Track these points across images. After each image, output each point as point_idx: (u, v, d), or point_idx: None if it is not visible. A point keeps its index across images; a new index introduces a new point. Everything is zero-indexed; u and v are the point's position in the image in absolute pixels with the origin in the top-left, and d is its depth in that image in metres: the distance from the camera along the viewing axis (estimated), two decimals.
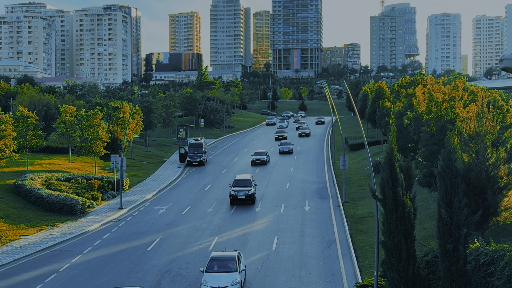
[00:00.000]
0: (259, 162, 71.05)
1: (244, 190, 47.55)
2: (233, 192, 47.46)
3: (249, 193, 47.42)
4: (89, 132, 60.65)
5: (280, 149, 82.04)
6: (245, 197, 47.21)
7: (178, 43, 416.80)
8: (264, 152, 73.51)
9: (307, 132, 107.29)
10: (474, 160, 27.90)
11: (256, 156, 72.51)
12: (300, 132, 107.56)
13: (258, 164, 71.06)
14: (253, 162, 71.20)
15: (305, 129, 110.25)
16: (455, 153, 23.87)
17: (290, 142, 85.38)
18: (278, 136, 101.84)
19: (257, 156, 72.31)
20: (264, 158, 71.76)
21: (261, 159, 71.52)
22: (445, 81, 79.63)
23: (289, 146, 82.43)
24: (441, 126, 39.80)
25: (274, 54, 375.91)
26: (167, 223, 42.93)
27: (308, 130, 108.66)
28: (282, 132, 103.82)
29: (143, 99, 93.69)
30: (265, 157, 72.18)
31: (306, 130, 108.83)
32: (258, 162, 71.06)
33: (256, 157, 71.98)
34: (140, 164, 73.12)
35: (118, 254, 34.64)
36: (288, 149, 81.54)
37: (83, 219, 44.06)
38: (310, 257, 33.08)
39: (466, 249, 22.98)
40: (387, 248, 23.75)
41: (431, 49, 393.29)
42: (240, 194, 47.32)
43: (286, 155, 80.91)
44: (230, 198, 47.35)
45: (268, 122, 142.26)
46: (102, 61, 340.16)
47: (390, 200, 23.59)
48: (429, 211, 40.30)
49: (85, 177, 54.67)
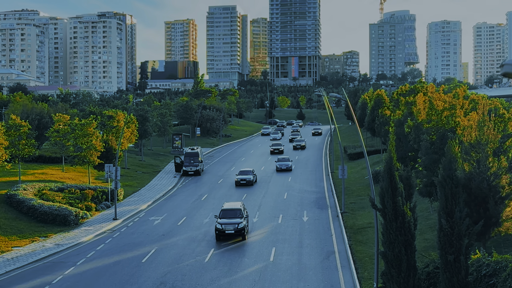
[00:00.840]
0: (245, 182, 62.76)
1: (233, 223, 39.39)
2: (219, 226, 39.27)
3: (239, 226, 39.21)
4: (83, 141, 60.59)
5: (278, 166, 74.41)
6: (234, 232, 39.10)
7: (174, 50, 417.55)
8: (250, 170, 65.56)
9: (302, 145, 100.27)
10: (475, 169, 27.93)
11: (241, 175, 64.09)
12: (295, 145, 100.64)
13: (244, 185, 62.59)
14: (238, 182, 62.76)
15: (300, 141, 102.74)
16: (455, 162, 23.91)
17: (288, 158, 76.98)
18: (274, 150, 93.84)
19: (242, 176, 63.93)
20: (250, 178, 63.40)
21: (247, 179, 63.27)
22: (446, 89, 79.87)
23: (287, 163, 74.45)
24: (442, 134, 39.86)
25: (271, 62, 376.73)
26: (162, 234, 42.82)
27: (303, 143, 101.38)
28: (278, 145, 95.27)
29: (138, 107, 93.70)
30: (251, 176, 63.84)
31: (301, 142, 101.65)
32: (243, 182, 62.77)
33: (241, 177, 63.61)
34: (135, 173, 73.01)
35: (112, 266, 34.51)
36: (287, 167, 73.78)
37: (76, 230, 43.92)
38: (309, 269, 33.00)
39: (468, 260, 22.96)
40: (387, 259, 23.73)
41: (431, 57, 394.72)
42: (228, 228, 39.21)
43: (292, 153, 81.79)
44: (216, 233, 39.36)
45: (263, 132, 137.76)
46: (97, 69, 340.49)
47: (390, 210, 23.60)
48: (429, 221, 40.28)
49: (79, 187, 54.56)
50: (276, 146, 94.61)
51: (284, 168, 73.43)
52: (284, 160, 75.34)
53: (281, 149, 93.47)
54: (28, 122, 60.61)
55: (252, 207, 52.26)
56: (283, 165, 73.98)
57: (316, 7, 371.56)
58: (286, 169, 73.40)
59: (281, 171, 73.84)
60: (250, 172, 64.86)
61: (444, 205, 22.96)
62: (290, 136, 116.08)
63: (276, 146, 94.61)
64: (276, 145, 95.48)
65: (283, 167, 73.75)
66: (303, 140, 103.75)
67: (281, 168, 73.60)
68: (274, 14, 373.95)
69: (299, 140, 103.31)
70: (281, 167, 73.66)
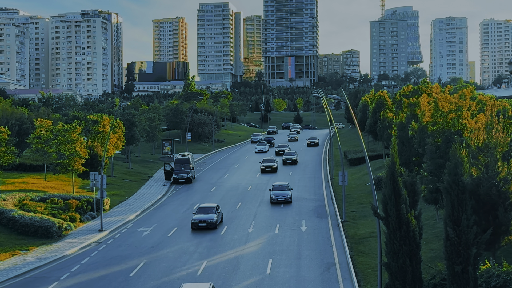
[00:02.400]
0: (204, 225, 46.45)
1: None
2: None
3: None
4: (66, 148, 60.47)
5: (273, 196, 57.65)
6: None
7: (162, 51, 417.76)
8: (212, 207, 48.60)
9: (293, 159, 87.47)
10: (483, 174, 28.00)
11: (200, 214, 47.60)
12: (284, 159, 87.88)
13: (203, 228, 46.59)
14: (194, 225, 46.85)
15: (291, 154, 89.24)
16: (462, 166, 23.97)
17: (287, 185, 60.44)
18: (266, 168, 79.47)
19: (201, 216, 47.27)
20: (212, 219, 46.78)
21: (208, 221, 46.70)
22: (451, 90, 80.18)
23: (285, 193, 58.07)
24: (448, 137, 39.98)
25: (266, 62, 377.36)
26: (151, 246, 42.76)
27: (295, 157, 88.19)
28: (270, 161, 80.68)
29: (125, 111, 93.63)
30: (214, 216, 47.22)
31: (293, 156, 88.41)
32: (202, 225, 46.48)
33: (199, 217, 47.12)
34: (122, 182, 72.92)
35: (98, 281, 34.42)
36: (285, 197, 57.45)
37: (59, 242, 43.80)
38: (308, 282, 33.00)
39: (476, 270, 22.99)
40: (391, 270, 23.74)
41: (435, 56, 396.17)
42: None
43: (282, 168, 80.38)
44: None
45: (253, 140, 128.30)
46: (80, 71, 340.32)
47: (393, 218, 23.63)
48: (435, 230, 40.34)
49: (62, 196, 54.42)
50: (268, 163, 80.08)
51: (281, 200, 57.35)
52: (282, 188, 59.16)
53: (274, 167, 79.84)
54: (7, 128, 60.44)
55: (247, 216, 52.26)
56: (279, 195, 57.50)
57: (314, 3, 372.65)
58: (284, 200, 57.39)
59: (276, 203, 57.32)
60: (213, 210, 47.94)
61: (450, 212, 23.01)
62: (277, 148, 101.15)
63: (268, 163, 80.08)
64: (268, 161, 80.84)
65: (279, 197, 57.31)
66: (294, 153, 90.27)
67: (277, 199, 57.27)
68: (269, 12, 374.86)
69: (290, 153, 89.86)
70: (277, 198, 57.25)
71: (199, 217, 47.55)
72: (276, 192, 58.33)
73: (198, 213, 48.16)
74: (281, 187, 59.50)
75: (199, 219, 47.30)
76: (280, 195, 57.69)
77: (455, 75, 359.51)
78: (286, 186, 59.87)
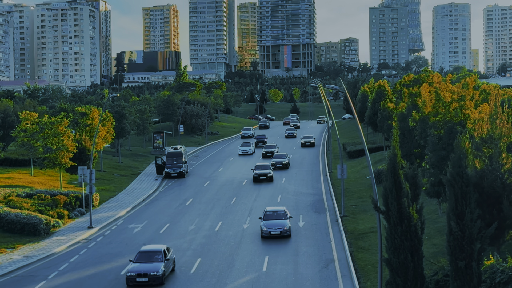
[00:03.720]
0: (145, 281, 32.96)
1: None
2: None
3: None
4: (53, 141, 60.35)
5: (264, 229, 42.82)
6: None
7: (153, 40, 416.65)
8: (158, 251, 34.79)
9: (284, 163, 77.21)
10: (487, 166, 28.06)
11: (139, 264, 33.90)
12: (274, 162, 76.75)
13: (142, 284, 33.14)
14: (130, 280, 32.95)
15: (281, 157, 79.05)
16: (466, 158, 24.02)
17: (283, 211, 44.56)
18: (259, 176, 67.39)
19: (141, 266, 33.57)
20: (157, 271, 33.19)
21: (150, 273, 33.07)
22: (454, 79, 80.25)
23: (281, 223, 43.02)
24: (450, 128, 40.04)
25: (261, 51, 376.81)
26: (143, 243, 42.71)
27: (285, 160, 78.14)
28: (264, 169, 68.33)
29: (114, 103, 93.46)
30: (160, 266, 33.56)
31: (283, 159, 78.25)
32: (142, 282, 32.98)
33: (138, 268, 33.41)
34: (111, 177, 72.88)
35: (88, 280, 34.42)
36: (281, 229, 42.63)
37: (47, 240, 43.78)
38: (305, 279, 33.07)
39: (480, 266, 23.07)
40: (392, 266, 23.81)
41: (437, 44, 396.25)
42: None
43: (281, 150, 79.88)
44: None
45: (243, 135, 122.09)
46: (67, 62, 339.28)
47: (394, 213, 23.68)
48: (438, 225, 40.45)
49: (49, 192, 54.35)
50: (262, 170, 68.03)
51: (276, 233, 42.74)
52: (277, 216, 43.99)
53: (270, 175, 67.85)
54: None
55: (242, 211, 52.32)
56: (273, 227, 42.79)
57: None
58: (279, 234, 42.85)
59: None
60: (159, 256, 34.43)
61: (453, 206, 23.07)
62: (264, 150, 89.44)
63: (262, 170, 68.03)
64: (262, 167, 68.76)
65: (273, 230, 42.61)
66: (285, 155, 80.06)
67: (271, 233, 42.72)
68: None
69: (280, 156, 79.63)
70: (270, 232, 42.70)
71: (138, 268, 33.03)
72: (268, 222, 43.07)
73: (137, 261, 33.72)
74: (276, 214, 43.98)
75: (138, 271, 32.81)
76: (274, 226, 42.68)
77: (458, 64, 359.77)
78: (282, 213, 44.24)
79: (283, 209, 45.24)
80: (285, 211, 44.88)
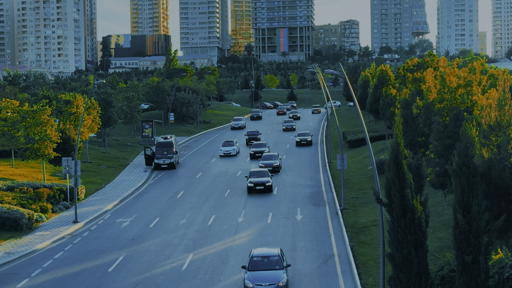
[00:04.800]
0: None
1: None
2: None
3: None
4: (36, 131, 60.23)
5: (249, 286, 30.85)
6: None
7: (141, 23, 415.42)
8: None
9: (274, 165, 66.88)
10: (495, 155, 28.09)
11: None
12: (262, 164, 66.94)
13: None
14: None
15: (271, 158, 68.60)
16: (473, 147, 24.05)
17: (277, 256, 32.43)
18: (255, 186, 57.42)
19: None
20: None
21: None
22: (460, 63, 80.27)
23: (274, 275, 31.22)
24: (456, 116, 40.09)
25: (256, 34, 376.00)
26: (131, 238, 42.81)
27: (277, 162, 67.77)
28: (261, 176, 58.57)
29: (101, 90, 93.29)
30: None
31: (274, 161, 67.75)
32: None
33: None
34: (98, 168, 72.86)
35: (73, 277, 34.46)
36: (274, 286, 30.73)
37: (30, 235, 43.78)
38: (304, 276, 33.15)
39: (488, 261, 23.16)
40: (395, 262, 23.88)
41: (443, 26, 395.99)
42: None
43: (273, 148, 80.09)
44: None
45: (233, 126, 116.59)
46: (50, 46, 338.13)
47: (397, 205, 23.73)
48: (443, 218, 40.57)
49: (32, 185, 54.31)
50: (259, 179, 58.08)
51: None
52: (268, 264, 32.15)
53: (269, 184, 57.72)
54: None
55: (236, 205, 52.38)
56: (263, 282, 30.72)
57: None
58: None
59: None
60: None
61: (460, 197, 23.12)
62: (252, 149, 78.57)
63: (259, 179, 58.08)
64: (258, 174, 59.09)
65: (264, 286, 30.63)
66: (276, 156, 69.57)
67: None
68: None
69: (270, 157, 69.14)
70: None
71: None
72: (255, 275, 31.21)
73: None
74: (267, 262, 32.25)
75: None
76: (264, 280, 30.90)
77: (464, 47, 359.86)
78: (275, 259, 32.36)
79: (276, 253, 32.67)
80: (280, 256, 32.46)
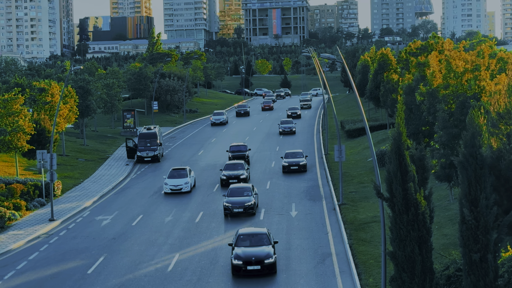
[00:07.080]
0: None
1: None
2: None
3: None
4: (7, 122, 60.02)
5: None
6: None
7: (121, 3, 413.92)
8: None
9: (247, 205, 46.72)
10: (505, 145, 28.18)
11: None
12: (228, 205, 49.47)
13: None
14: None
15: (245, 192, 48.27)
16: (480, 136, 24.12)
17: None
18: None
19: None
20: None
21: None
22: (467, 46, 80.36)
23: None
24: (463, 103, 40.18)
25: (247, 15, 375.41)
26: (112, 237, 42.82)
27: (251, 199, 47.33)
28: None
29: (78, 77, 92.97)
30: None
31: (246, 199, 47.36)
32: None
33: None
34: (75, 162, 72.74)
35: (49, 280, 34.47)
36: None
37: (2, 235, 43.76)
38: (299, 276, 33.23)
39: (497, 258, 23.27)
40: (397, 260, 23.97)
41: (448, 6, 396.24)
42: None
43: (267, 142, 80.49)
44: None
45: (214, 121, 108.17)
46: (22, 29, 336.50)
47: (399, 200, 23.80)
48: (449, 213, 40.72)
49: (4, 180, 54.23)
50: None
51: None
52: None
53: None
54: None
55: None
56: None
57: None
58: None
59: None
60: None
61: (467, 191, 23.20)
62: (225, 173, 58.02)
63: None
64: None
65: None
66: (249, 189, 48.98)
67: None
68: None
69: (242, 189, 48.96)
70: None
71: None
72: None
73: None
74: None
75: None
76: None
77: (472, 28, 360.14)
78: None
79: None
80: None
